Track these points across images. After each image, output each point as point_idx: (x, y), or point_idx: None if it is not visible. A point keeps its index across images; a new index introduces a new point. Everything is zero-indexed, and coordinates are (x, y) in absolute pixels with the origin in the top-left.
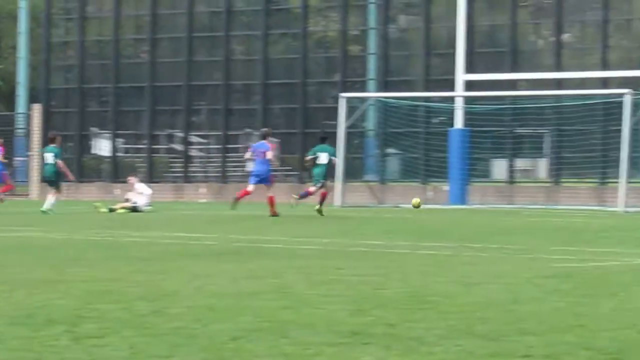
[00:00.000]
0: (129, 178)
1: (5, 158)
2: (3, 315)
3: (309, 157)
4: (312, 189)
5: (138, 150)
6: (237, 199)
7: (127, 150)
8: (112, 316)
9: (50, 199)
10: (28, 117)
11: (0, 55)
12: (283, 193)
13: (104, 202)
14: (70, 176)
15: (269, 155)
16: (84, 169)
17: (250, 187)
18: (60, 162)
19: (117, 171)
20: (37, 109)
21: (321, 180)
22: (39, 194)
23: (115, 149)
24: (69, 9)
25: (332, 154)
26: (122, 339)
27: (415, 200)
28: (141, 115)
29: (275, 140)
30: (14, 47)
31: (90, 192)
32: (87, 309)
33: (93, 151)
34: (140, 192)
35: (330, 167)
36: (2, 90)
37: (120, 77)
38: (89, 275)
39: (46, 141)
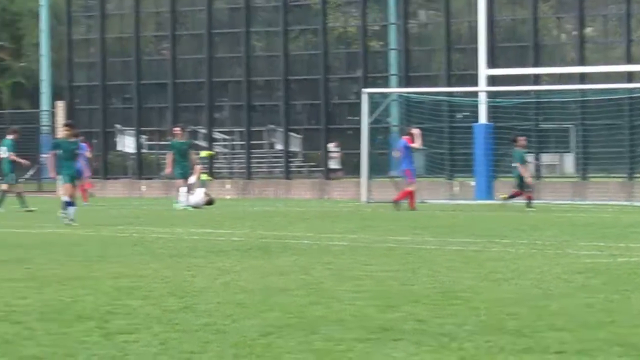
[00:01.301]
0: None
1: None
2: (33, 311)
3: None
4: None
5: (162, 147)
6: (397, 201)
7: (151, 147)
8: (142, 312)
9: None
10: (52, 115)
11: (22, 53)
12: (308, 189)
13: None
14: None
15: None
16: (110, 165)
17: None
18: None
19: (142, 168)
20: (60, 106)
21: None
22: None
23: (139, 146)
24: (89, 6)
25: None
26: (152, 335)
27: None
28: (164, 112)
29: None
30: (35, 45)
31: (116, 189)
32: (116, 305)
33: (118, 148)
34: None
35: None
36: (26, 88)
37: (143, 74)
38: (117, 272)
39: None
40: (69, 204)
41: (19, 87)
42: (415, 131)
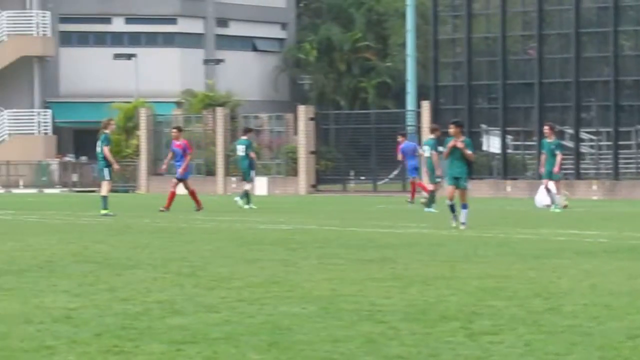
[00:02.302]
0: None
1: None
2: (397, 311)
3: None
4: None
5: (528, 147)
6: None
7: (516, 147)
8: (507, 313)
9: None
10: (417, 115)
11: (388, 53)
12: None
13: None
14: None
15: None
16: (475, 165)
17: None
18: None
19: (507, 168)
20: (426, 107)
21: None
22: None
23: (505, 146)
24: (455, 6)
25: None
26: (517, 336)
27: None
28: (530, 112)
29: None
30: (402, 45)
31: (481, 189)
32: (480, 305)
33: (484, 148)
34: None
35: None
36: (391, 88)
37: (509, 73)
38: (482, 272)
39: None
40: (463, 206)
41: (385, 87)
42: None
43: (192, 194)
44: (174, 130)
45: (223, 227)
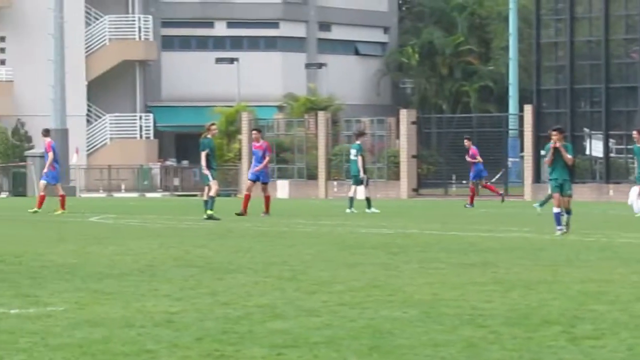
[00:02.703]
0: None
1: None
2: (498, 315)
3: None
4: None
5: (631, 151)
6: None
7: (619, 151)
8: (609, 317)
9: None
10: (520, 119)
11: (491, 57)
12: None
13: None
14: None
15: None
16: (577, 169)
17: None
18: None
19: (609, 172)
20: (528, 110)
21: None
22: (532, 195)
23: (607, 150)
24: (558, 10)
25: None
26: (619, 340)
27: None
28: (633, 115)
29: None
30: (504, 49)
31: (583, 193)
32: (582, 309)
33: (587, 152)
34: None
35: None
36: (494, 92)
37: (611, 77)
38: (584, 276)
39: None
40: (567, 212)
41: (487, 91)
42: None
43: (247, 198)
44: (254, 131)
45: (324, 231)
